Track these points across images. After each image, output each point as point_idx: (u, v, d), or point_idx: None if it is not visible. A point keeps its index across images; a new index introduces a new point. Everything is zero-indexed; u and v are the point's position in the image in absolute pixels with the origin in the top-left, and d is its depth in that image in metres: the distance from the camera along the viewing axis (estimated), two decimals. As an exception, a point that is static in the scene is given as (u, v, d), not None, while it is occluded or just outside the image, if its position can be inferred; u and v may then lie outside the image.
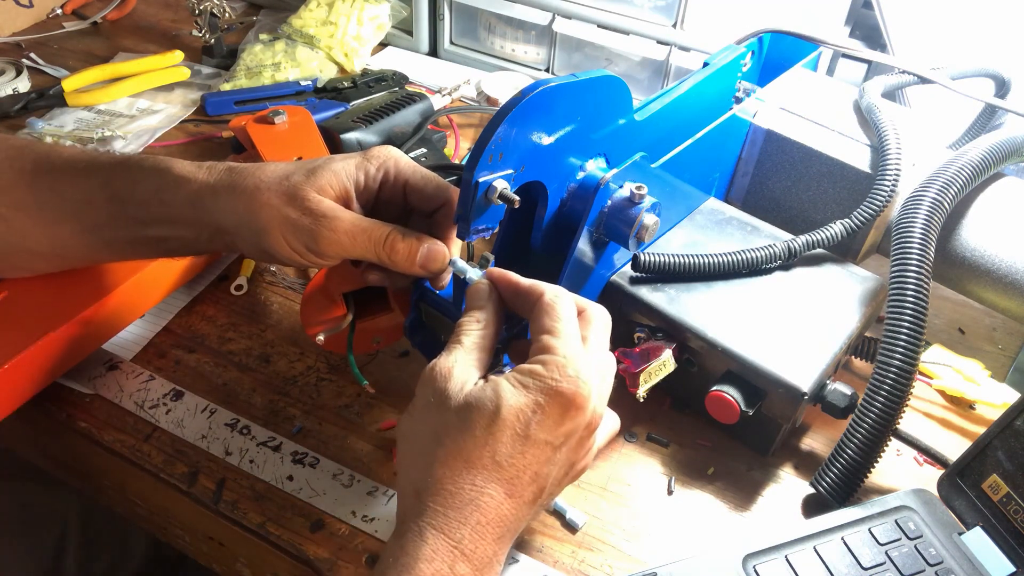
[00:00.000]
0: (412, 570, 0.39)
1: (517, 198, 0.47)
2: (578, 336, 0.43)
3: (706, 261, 0.59)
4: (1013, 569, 0.49)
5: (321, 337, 0.55)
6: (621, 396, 0.59)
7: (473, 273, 0.48)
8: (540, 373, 0.41)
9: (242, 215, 0.48)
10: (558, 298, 0.44)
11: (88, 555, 0.79)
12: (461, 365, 0.42)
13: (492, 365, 0.45)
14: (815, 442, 0.60)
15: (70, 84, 0.91)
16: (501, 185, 0.47)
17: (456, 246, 0.51)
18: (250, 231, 0.48)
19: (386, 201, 0.51)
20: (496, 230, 0.51)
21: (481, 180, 0.46)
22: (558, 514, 0.54)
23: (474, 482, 0.40)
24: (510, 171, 0.48)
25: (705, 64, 0.66)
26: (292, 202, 0.47)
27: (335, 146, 0.78)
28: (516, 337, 0.49)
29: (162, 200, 0.50)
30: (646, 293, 0.59)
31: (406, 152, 0.78)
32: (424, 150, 0.80)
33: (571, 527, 0.54)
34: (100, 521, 0.81)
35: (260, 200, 0.47)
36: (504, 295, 0.46)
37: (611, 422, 0.49)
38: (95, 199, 0.52)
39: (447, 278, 0.52)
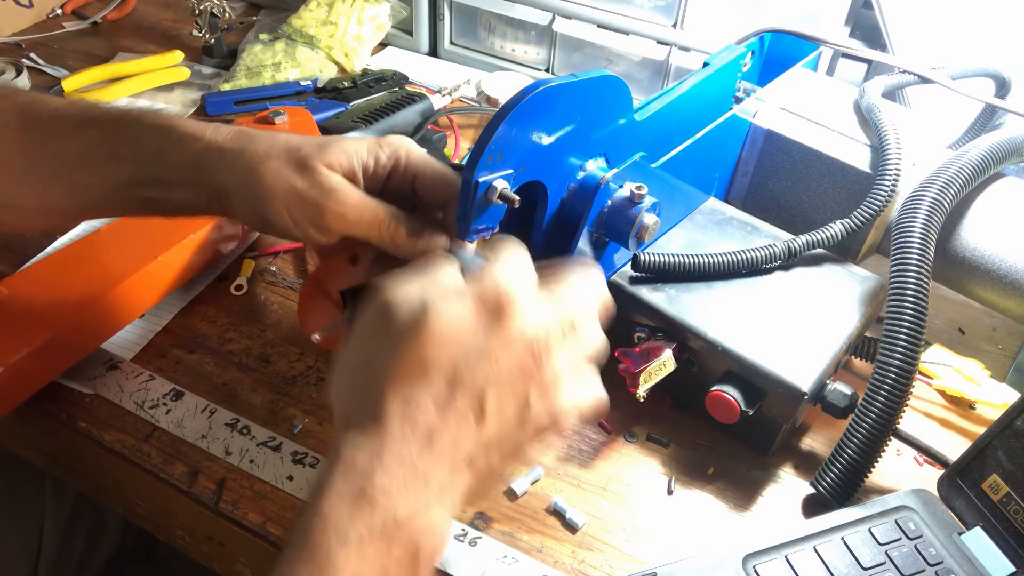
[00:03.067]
0: (325, 489, 0.35)
1: (517, 198, 0.47)
2: (523, 269, 0.40)
3: (706, 261, 0.59)
4: (1013, 569, 0.49)
5: (317, 336, 0.55)
6: (621, 396, 0.59)
7: (476, 263, 0.47)
8: (471, 281, 0.39)
9: (247, 179, 0.47)
10: (506, 239, 0.42)
11: (65, 538, 0.80)
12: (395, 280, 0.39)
13: None
14: (815, 442, 0.60)
15: (70, 84, 0.91)
16: (501, 185, 0.47)
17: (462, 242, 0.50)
18: (252, 196, 0.47)
19: (394, 190, 0.51)
20: (496, 230, 0.51)
21: (481, 180, 0.46)
22: (558, 514, 0.54)
23: (403, 396, 0.36)
24: (510, 171, 0.48)
25: (705, 64, 0.66)
26: (302, 172, 0.46)
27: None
28: None
29: (164, 160, 0.49)
30: (646, 293, 0.59)
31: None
32: (424, 150, 0.80)
33: (571, 527, 0.54)
34: (74, 506, 0.81)
35: (268, 166, 0.47)
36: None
37: (590, 390, 0.43)
38: (90, 157, 0.50)
39: None
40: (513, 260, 0.40)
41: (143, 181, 0.50)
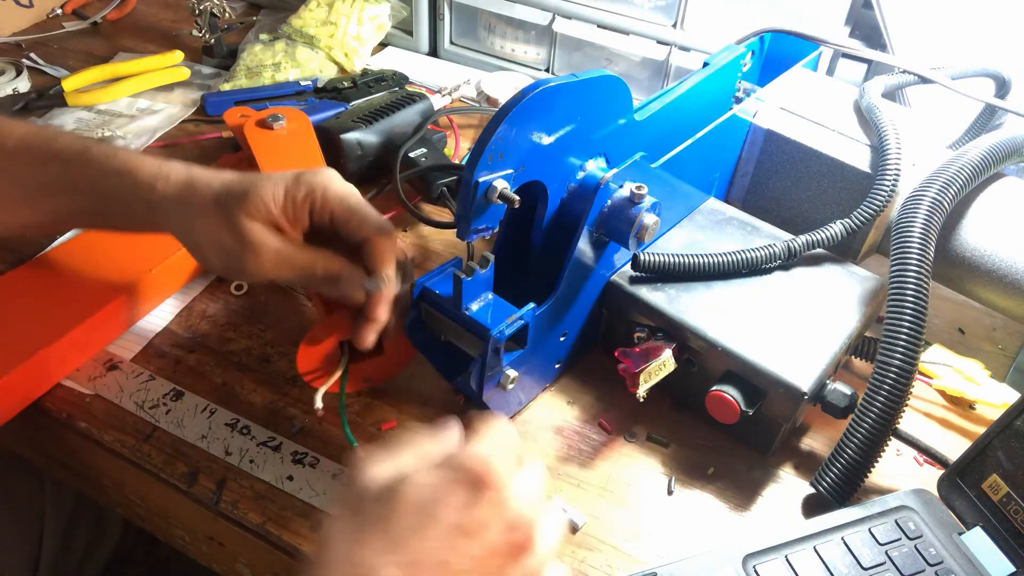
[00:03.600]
0: None
1: (517, 198, 0.47)
2: (503, 435, 0.39)
3: (706, 261, 0.59)
4: (1013, 569, 0.49)
5: (319, 405, 0.56)
6: (621, 396, 0.59)
7: (373, 285, 0.52)
8: (451, 454, 0.37)
9: (187, 232, 0.53)
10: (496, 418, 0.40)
11: (65, 538, 0.80)
12: (374, 459, 0.38)
13: None
14: (815, 442, 0.60)
15: (70, 84, 0.91)
16: (501, 185, 0.47)
17: (392, 263, 0.53)
18: (192, 246, 0.53)
19: (317, 228, 0.53)
20: (496, 230, 0.51)
21: (481, 180, 0.46)
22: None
23: (362, 562, 0.34)
24: (510, 171, 0.48)
25: (705, 64, 0.66)
26: (226, 227, 0.50)
27: (335, 147, 0.78)
28: None
29: (123, 201, 0.53)
30: (646, 293, 0.59)
31: (406, 152, 0.79)
32: (424, 150, 0.80)
33: (572, 527, 0.54)
34: (74, 506, 0.82)
35: (202, 222, 0.51)
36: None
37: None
38: (53, 188, 0.54)
39: (379, 305, 0.53)
40: (495, 435, 0.38)
41: (104, 212, 0.55)
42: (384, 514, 0.35)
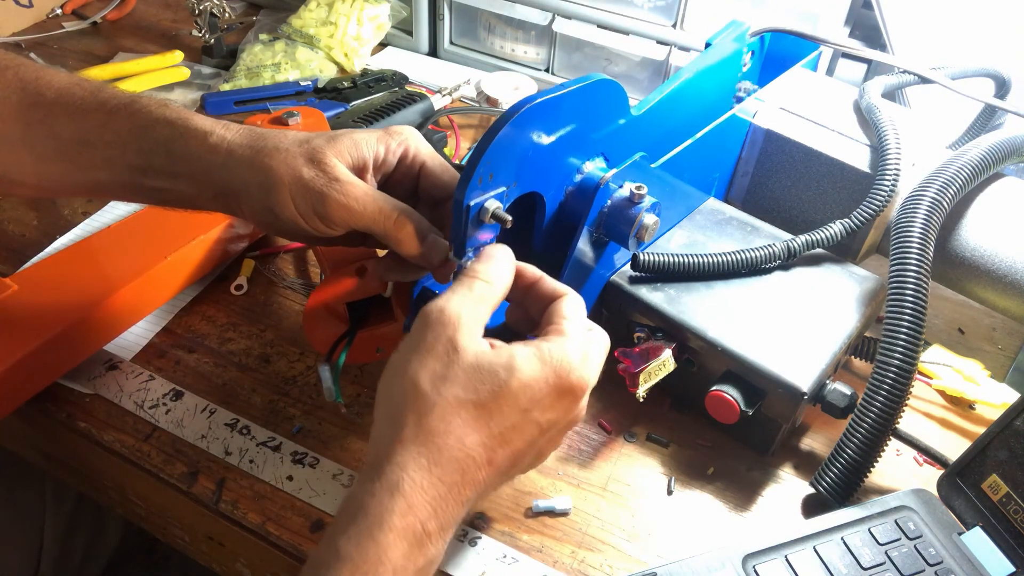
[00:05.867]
0: (384, 523, 0.37)
1: (509, 218, 0.46)
2: (592, 334, 0.45)
3: (706, 261, 0.59)
4: (1013, 569, 0.49)
5: (327, 377, 0.55)
6: (621, 396, 0.59)
7: None
8: (557, 353, 0.41)
9: (255, 173, 0.47)
10: (581, 300, 0.45)
11: (66, 538, 0.80)
12: (469, 316, 0.41)
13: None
14: (815, 442, 0.60)
15: (70, 84, 0.91)
16: (493, 206, 0.46)
17: None
18: (260, 188, 0.47)
19: (398, 181, 0.51)
20: (493, 243, 0.50)
21: (472, 203, 0.45)
22: (547, 512, 0.54)
23: (463, 441, 0.39)
24: (502, 188, 0.47)
25: (707, 45, 0.65)
26: (310, 161, 0.46)
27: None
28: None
29: (170, 151, 0.48)
30: (646, 293, 0.59)
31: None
32: (429, 144, 0.80)
33: (562, 513, 0.54)
34: (74, 506, 0.82)
35: (277, 158, 0.46)
36: (521, 283, 0.46)
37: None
38: (92, 140, 0.49)
39: (450, 273, 0.51)
40: (599, 352, 0.44)
41: (146, 169, 0.49)
42: (490, 405, 0.40)
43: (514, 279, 0.45)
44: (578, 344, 0.42)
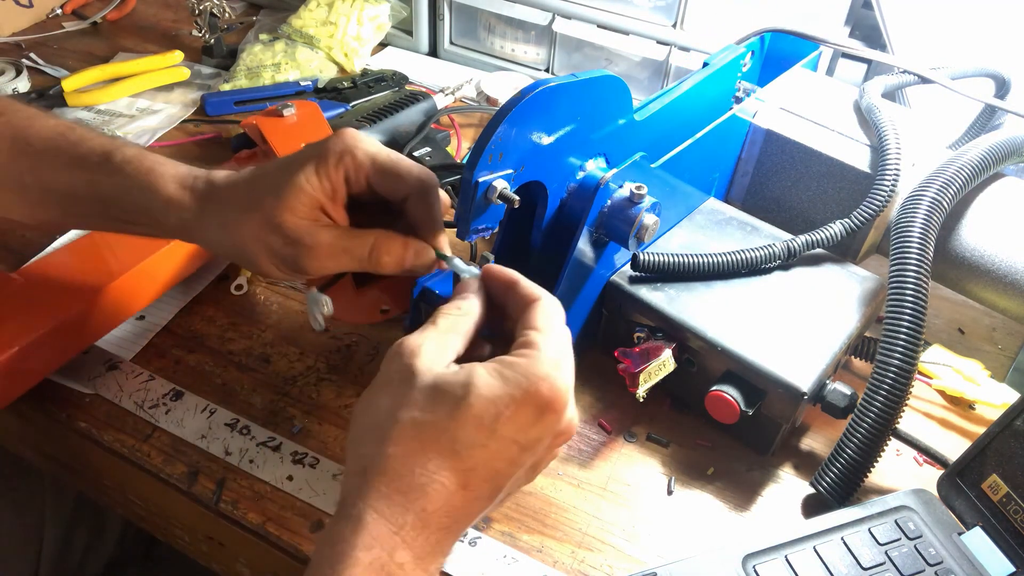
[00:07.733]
0: (348, 557, 0.36)
1: (517, 198, 0.47)
2: (567, 343, 0.41)
3: (706, 261, 0.59)
4: (1013, 569, 0.49)
5: (326, 310, 0.53)
6: (621, 396, 0.59)
7: (469, 272, 0.46)
8: (522, 366, 0.38)
9: (228, 245, 0.49)
10: (556, 304, 0.43)
11: (66, 538, 0.80)
12: (432, 344, 0.40)
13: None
14: (815, 442, 0.60)
15: (70, 84, 0.91)
16: (501, 185, 0.47)
17: (445, 238, 0.49)
18: (238, 256, 0.50)
19: (359, 195, 0.49)
20: (496, 230, 0.51)
21: (481, 180, 0.46)
22: (555, 506, 0.54)
23: (426, 466, 0.37)
24: (510, 171, 0.48)
25: (705, 64, 0.66)
26: (272, 231, 0.47)
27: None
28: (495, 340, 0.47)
29: (148, 214, 0.51)
30: (646, 293, 0.59)
31: (410, 152, 0.78)
32: (428, 149, 0.80)
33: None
34: (74, 506, 0.82)
35: (243, 233, 0.48)
36: (497, 288, 0.44)
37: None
38: (79, 194, 0.52)
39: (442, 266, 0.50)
40: (565, 356, 0.41)
41: (132, 221, 0.52)
42: (449, 425, 0.37)
43: (491, 284, 0.44)
44: (548, 355, 0.39)
